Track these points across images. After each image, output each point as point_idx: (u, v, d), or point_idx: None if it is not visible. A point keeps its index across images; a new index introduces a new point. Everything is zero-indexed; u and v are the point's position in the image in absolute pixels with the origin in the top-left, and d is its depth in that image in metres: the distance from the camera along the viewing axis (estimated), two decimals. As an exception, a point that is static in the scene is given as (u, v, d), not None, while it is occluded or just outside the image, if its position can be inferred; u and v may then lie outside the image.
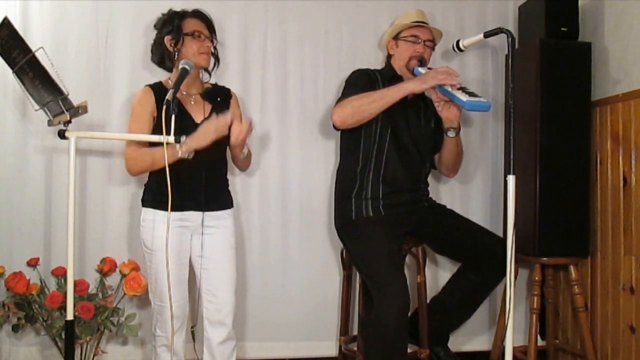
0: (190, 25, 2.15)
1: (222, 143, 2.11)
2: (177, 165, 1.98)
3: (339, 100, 2.31)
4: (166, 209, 2.03)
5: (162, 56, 2.19)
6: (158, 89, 2.18)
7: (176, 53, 2.13)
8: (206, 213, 2.17)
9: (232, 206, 2.28)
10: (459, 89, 2.19)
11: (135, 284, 2.37)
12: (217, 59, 2.27)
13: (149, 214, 2.15)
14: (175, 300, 2.07)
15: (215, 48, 2.23)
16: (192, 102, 2.20)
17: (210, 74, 2.30)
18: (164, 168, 1.87)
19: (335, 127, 2.33)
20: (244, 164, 2.38)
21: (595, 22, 2.59)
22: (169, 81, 2.22)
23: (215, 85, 2.31)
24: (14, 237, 2.53)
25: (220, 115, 2.04)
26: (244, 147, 2.17)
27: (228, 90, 2.34)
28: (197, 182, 2.13)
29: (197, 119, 2.17)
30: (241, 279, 2.70)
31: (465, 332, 2.76)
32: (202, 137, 2.00)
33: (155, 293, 2.15)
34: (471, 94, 2.18)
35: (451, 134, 2.39)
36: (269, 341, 2.71)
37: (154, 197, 2.16)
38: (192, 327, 2.25)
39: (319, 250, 2.77)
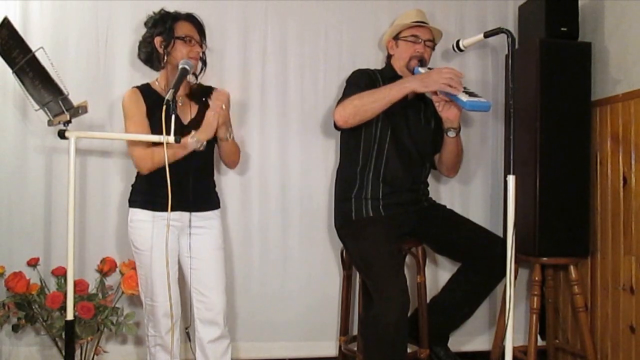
0: (182, 29, 2.15)
1: (209, 144, 2.12)
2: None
3: (340, 100, 2.31)
4: (155, 209, 2.11)
5: (149, 55, 2.20)
6: (145, 90, 2.19)
7: (165, 55, 2.14)
8: (194, 214, 2.17)
9: (219, 207, 2.29)
10: None
11: (133, 282, 2.36)
12: (204, 63, 2.26)
13: (137, 214, 2.15)
14: (167, 299, 2.08)
15: (204, 53, 2.22)
16: (180, 104, 2.20)
17: (197, 77, 2.27)
18: (195, 148, 2.03)
19: (336, 127, 2.33)
20: (231, 157, 2.33)
21: (595, 22, 2.59)
22: (157, 82, 2.23)
23: (200, 85, 2.30)
24: (14, 237, 2.53)
25: (221, 91, 2.08)
26: (228, 128, 2.14)
27: (214, 89, 2.31)
28: (185, 183, 2.13)
29: (185, 120, 2.18)
30: (241, 279, 2.70)
31: (465, 332, 2.77)
32: (208, 126, 2.07)
33: (146, 293, 2.16)
34: (471, 94, 2.17)
35: (451, 134, 2.38)
36: (268, 341, 2.72)
37: (142, 197, 2.16)
38: (186, 329, 2.25)
39: (319, 250, 2.77)
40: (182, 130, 2.10)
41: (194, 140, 2.04)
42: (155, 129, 2.10)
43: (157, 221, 2.11)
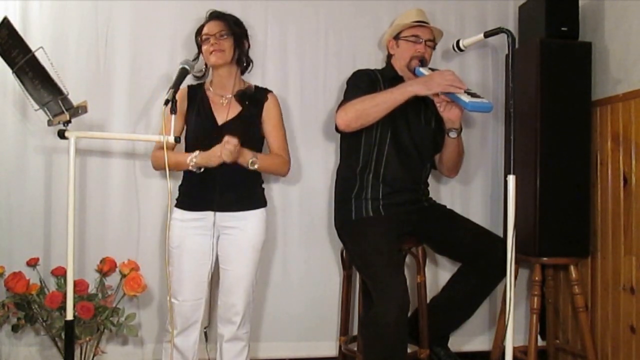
0: (204, 31, 2.22)
1: (244, 145, 2.09)
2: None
3: (342, 103, 2.32)
4: (186, 209, 2.17)
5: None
6: (194, 90, 2.27)
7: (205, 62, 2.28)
8: (225, 213, 2.18)
9: (259, 206, 2.26)
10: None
11: (135, 284, 2.37)
12: (242, 52, 2.27)
13: (174, 212, 2.20)
14: (187, 299, 2.14)
15: (237, 40, 2.23)
16: (223, 103, 2.21)
17: (242, 71, 2.33)
18: (190, 169, 2.07)
19: (337, 130, 2.33)
20: (272, 173, 2.37)
21: (595, 22, 2.59)
22: (210, 83, 2.30)
23: (249, 87, 2.30)
24: (14, 237, 2.53)
25: (228, 140, 2.03)
26: (245, 162, 2.12)
27: (266, 93, 2.32)
28: (215, 183, 2.14)
29: (220, 120, 2.19)
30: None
31: (465, 332, 2.76)
32: (209, 159, 2.07)
33: (172, 290, 2.18)
34: (473, 95, 2.17)
35: (453, 134, 2.38)
36: (268, 341, 2.71)
37: (179, 197, 2.23)
38: (205, 328, 2.26)
39: (319, 250, 2.77)
40: (214, 130, 2.14)
41: (193, 163, 2.07)
42: (190, 127, 2.18)
43: (187, 221, 2.15)
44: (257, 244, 2.23)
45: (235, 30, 2.22)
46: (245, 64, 2.32)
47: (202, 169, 2.10)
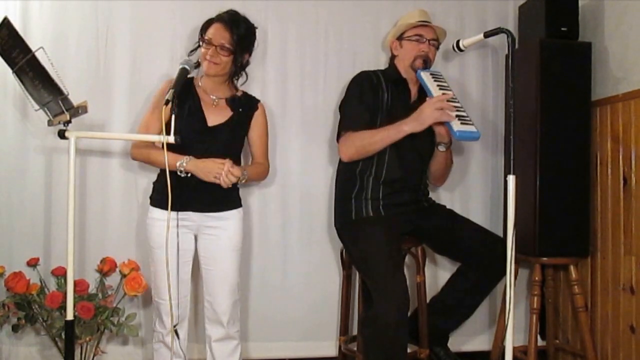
0: (209, 32, 2.17)
1: (229, 149, 2.13)
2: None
3: (341, 107, 2.38)
4: (166, 208, 2.08)
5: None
6: (185, 84, 2.19)
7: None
8: (206, 214, 2.18)
9: (236, 207, 2.27)
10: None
11: (136, 284, 2.38)
12: (238, 67, 2.24)
13: (152, 212, 2.19)
14: (174, 298, 2.11)
15: (237, 58, 2.19)
16: (214, 105, 2.21)
17: (232, 81, 2.30)
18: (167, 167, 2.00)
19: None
20: (252, 181, 2.37)
21: (595, 22, 2.59)
22: (200, 79, 2.27)
23: (243, 94, 2.31)
24: (14, 237, 2.53)
25: (228, 166, 2.05)
26: (240, 178, 2.13)
27: (256, 102, 2.33)
28: (195, 183, 2.13)
29: (211, 122, 2.19)
30: (241, 278, 2.69)
31: (465, 332, 2.76)
32: (201, 172, 2.07)
33: (155, 290, 2.19)
34: (463, 120, 2.21)
35: (441, 148, 2.41)
36: (268, 341, 2.71)
37: (157, 195, 2.19)
38: (174, 326, 2.25)
39: (319, 250, 2.77)
40: (204, 131, 2.15)
41: (181, 166, 2.06)
42: (181, 125, 2.08)
43: (167, 220, 2.13)
44: (238, 243, 2.25)
45: (237, 46, 2.17)
46: (239, 76, 2.31)
47: (189, 174, 2.09)
